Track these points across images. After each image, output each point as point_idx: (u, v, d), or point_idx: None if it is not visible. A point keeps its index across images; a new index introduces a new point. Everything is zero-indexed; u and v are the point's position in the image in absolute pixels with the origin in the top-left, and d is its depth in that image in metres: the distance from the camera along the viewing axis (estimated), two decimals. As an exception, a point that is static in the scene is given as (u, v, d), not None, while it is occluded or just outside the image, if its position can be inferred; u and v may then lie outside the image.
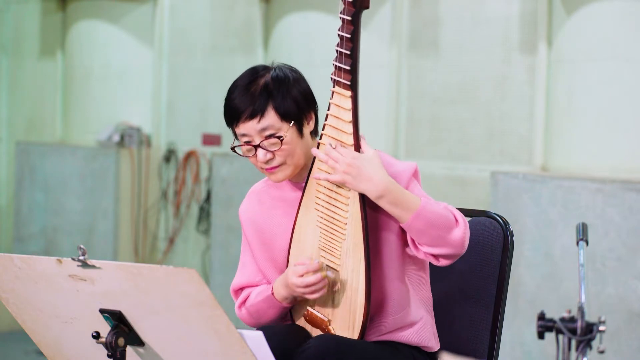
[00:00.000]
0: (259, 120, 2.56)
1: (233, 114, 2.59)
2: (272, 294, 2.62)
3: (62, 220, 6.87)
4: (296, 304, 2.66)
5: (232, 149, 2.64)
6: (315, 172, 2.57)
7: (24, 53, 7.43)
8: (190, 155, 6.60)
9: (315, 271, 2.53)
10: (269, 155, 2.58)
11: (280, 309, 2.64)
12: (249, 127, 2.57)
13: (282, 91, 2.57)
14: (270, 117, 2.56)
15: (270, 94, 2.56)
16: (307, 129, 2.62)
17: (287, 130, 2.57)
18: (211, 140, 6.52)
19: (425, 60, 5.36)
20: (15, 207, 7.18)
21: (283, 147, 2.57)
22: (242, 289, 2.73)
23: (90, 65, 6.87)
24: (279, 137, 2.56)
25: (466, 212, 2.91)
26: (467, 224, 2.53)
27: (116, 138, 6.66)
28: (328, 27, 5.52)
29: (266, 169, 2.61)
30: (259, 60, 6.20)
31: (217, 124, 6.49)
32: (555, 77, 4.76)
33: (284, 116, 2.56)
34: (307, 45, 5.68)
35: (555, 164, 4.74)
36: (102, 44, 6.85)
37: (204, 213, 6.48)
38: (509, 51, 5.04)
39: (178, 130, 6.73)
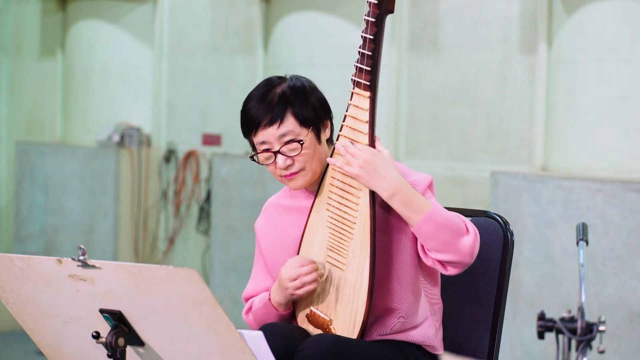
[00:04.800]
0: (279, 126, 2.58)
1: (251, 123, 2.61)
2: (269, 299, 2.65)
3: (62, 220, 6.87)
4: (300, 305, 2.67)
5: (251, 157, 2.66)
6: (331, 160, 2.58)
7: (24, 53, 7.43)
8: (190, 155, 6.60)
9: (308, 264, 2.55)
10: (289, 161, 2.60)
11: (278, 317, 2.67)
12: (269, 134, 2.59)
13: (300, 98, 2.60)
14: (290, 123, 2.58)
15: (289, 101, 2.59)
16: (324, 136, 2.65)
17: (307, 135, 2.59)
18: (211, 140, 6.52)
19: (425, 60, 5.36)
20: (15, 207, 7.18)
21: (303, 152, 2.59)
22: (252, 296, 2.77)
23: (90, 65, 6.87)
24: (299, 142, 2.58)
25: (466, 212, 2.91)
26: (478, 234, 2.54)
27: (116, 138, 6.66)
28: (328, 27, 5.52)
29: (285, 176, 2.62)
30: (259, 60, 6.20)
31: (217, 124, 6.49)
32: (555, 77, 4.76)
33: (303, 122, 2.59)
34: (307, 45, 5.68)
35: (555, 164, 4.74)
36: (102, 44, 6.84)
37: (204, 213, 6.48)
38: (509, 51, 5.04)
39: (178, 130, 6.73)
